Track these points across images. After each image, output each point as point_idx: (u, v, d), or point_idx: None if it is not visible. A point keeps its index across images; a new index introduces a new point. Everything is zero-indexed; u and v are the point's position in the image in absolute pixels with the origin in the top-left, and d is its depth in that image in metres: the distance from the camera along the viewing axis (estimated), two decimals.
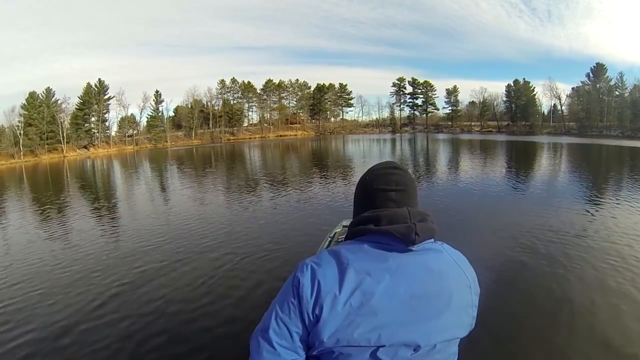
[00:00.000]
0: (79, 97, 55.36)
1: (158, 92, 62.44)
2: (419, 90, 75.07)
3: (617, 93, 55.08)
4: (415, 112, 76.92)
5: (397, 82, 75.90)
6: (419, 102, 75.67)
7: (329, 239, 4.55)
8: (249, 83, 71.58)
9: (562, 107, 62.20)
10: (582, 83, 58.53)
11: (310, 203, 10.19)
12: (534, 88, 64.13)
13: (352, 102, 79.14)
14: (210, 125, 65.86)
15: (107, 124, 58.39)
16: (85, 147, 52.88)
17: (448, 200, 9.98)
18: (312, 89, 76.08)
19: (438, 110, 75.86)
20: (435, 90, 74.28)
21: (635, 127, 47.62)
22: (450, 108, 73.49)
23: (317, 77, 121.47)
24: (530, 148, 30.22)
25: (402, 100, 76.77)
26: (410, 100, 76.35)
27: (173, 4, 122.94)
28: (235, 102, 71.42)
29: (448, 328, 0.85)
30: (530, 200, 9.78)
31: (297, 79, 75.44)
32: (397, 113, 77.89)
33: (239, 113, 71.16)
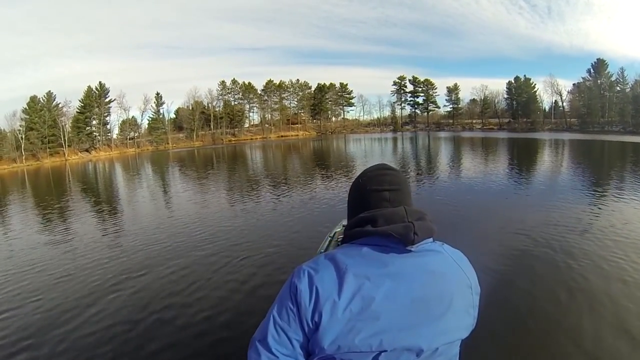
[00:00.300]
0: (80, 100, 55.69)
1: (159, 94, 62.78)
2: (420, 89, 75.04)
3: (618, 88, 54.76)
4: (417, 110, 76.89)
5: (397, 80, 75.95)
6: (420, 100, 75.74)
7: (329, 239, 4.55)
8: (250, 84, 71.80)
9: (563, 103, 62.19)
10: (583, 79, 58.36)
11: (312, 203, 10.18)
12: (535, 85, 64.12)
13: (353, 101, 79.42)
14: (212, 127, 65.92)
15: (108, 127, 58.76)
16: (87, 150, 53.10)
17: (450, 198, 9.94)
18: (312, 89, 76.20)
19: (439, 109, 76.01)
20: (436, 89, 74.41)
21: (637, 122, 47.33)
22: (451, 106, 73.42)
23: (317, 77, 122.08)
24: (532, 145, 30.09)
25: (403, 99, 76.88)
26: (411, 99, 76.45)
27: (172, 7, 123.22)
28: (236, 103, 71.60)
29: (450, 330, 0.83)
30: (534, 197, 9.72)
31: (297, 79, 75.65)
32: (398, 112, 78.01)
33: (240, 114, 71.24)
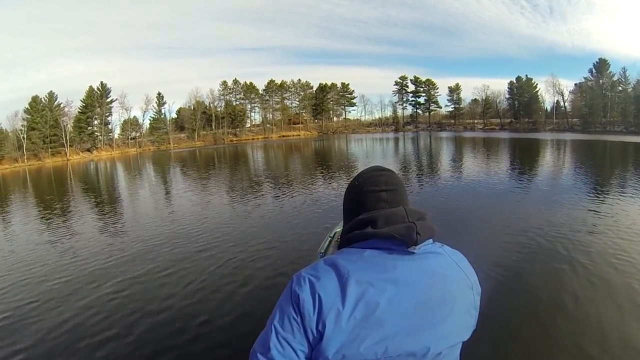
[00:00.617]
0: (82, 100, 55.89)
1: (160, 94, 62.93)
2: (421, 89, 74.99)
3: (620, 88, 54.44)
4: (418, 110, 76.76)
5: (399, 80, 75.98)
6: (422, 100, 75.67)
7: (329, 239, 4.51)
8: (251, 84, 71.93)
9: (565, 103, 61.88)
10: (584, 79, 58.05)
11: (312, 203, 10.15)
12: (537, 85, 63.88)
13: (354, 101, 79.48)
14: (213, 127, 66.04)
15: (110, 127, 59.04)
16: (89, 150, 53.28)
17: (452, 198, 9.91)
18: (314, 89, 76.22)
19: (440, 109, 75.95)
20: (438, 89, 74.32)
21: (639, 122, 47.22)
22: (453, 106, 73.28)
23: (319, 77, 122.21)
24: (534, 145, 29.98)
25: (404, 99, 76.70)
26: (413, 99, 76.33)
27: (173, 8, 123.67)
28: (238, 103, 71.72)
29: (453, 332, 0.83)
30: (536, 197, 9.66)
31: (299, 79, 75.77)
32: (399, 112, 77.93)
33: (242, 114, 71.34)
